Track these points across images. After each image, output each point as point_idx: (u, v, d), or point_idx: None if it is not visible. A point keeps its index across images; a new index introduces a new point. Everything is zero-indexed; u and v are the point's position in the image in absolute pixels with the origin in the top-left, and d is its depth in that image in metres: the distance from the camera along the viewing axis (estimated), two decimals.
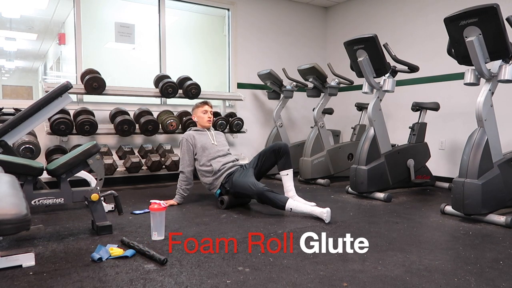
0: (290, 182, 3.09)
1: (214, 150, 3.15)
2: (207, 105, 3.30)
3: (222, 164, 3.10)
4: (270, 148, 3.17)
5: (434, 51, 4.23)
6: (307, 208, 2.70)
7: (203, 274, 1.71)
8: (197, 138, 3.17)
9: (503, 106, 3.58)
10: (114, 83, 4.50)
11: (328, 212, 2.58)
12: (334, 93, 4.29)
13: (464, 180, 2.62)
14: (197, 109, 3.31)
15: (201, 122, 3.29)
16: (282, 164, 3.12)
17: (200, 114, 3.28)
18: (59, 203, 2.23)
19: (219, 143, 3.24)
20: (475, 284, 1.62)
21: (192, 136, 3.18)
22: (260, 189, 2.76)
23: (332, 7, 5.64)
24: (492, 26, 2.41)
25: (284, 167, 3.11)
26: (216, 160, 3.12)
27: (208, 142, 3.18)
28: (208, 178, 3.11)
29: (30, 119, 2.44)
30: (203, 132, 3.25)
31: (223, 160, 3.14)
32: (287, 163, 3.11)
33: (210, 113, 3.30)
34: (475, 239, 2.26)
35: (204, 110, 3.27)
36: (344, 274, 1.71)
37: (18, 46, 6.00)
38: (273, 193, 2.76)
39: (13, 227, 0.90)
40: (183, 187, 3.12)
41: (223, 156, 3.17)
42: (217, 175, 3.08)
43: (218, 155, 3.15)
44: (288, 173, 3.10)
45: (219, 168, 3.08)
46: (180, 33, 5.40)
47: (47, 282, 1.62)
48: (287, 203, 2.70)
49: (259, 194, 2.76)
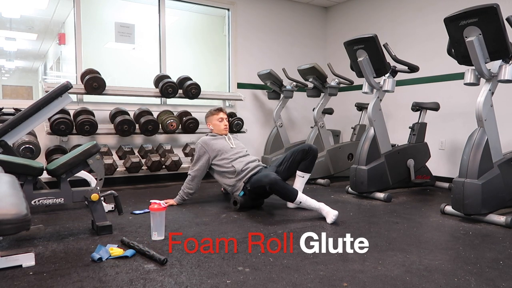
0: (302, 185, 3.04)
1: (233, 152, 3.08)
2: (222, 112, 3.24)
3: (245, 163, 3.01)
4: (300, 148, 3.06)
5: (434, 51, 4.23)
6: (316, 204, 2.69)
7: (203, 274, 1.71)
8: (213, 144, 3.10)
9: (503, 106, 3.58)
10: (114, 83, 4.50)
11: (335, 215, 2.58)
12: (334, 93, 4.30)
13: (464, 180, 2.62)
14: (211, 116, 3.24)
15: (217, 130, 3.21)
16: (305, 165, 3.03)
17: (215, 122, 3.22)
18: (59, 203, 2.23)
19: (237, 145, 3.18)
20: (475, 284, 1.62)
21: (207, 142, 3.10)
22: (273, 178, 2.69)
23: (332, 7, 5.64)
24: (492, 26, 2.41)
25: (306, 169, 3.03)
26: (238, 160, 3.04)
27: (226, 145, 3.12)
28: (231, 179, 3.01)
29: (30, 119, 2.44)
30: (219, 137, 3.19)
31: (245, 159, 3.05)
32: (309, 167, 3.04)
33: (226, 120, 3.24)
34: (475, 239, 2.26)
35: (220, 118, 3.21)
36: (344, 274, 1.71)
37: (18, 46, 6.00)
38: (285, 183, 2.74)
39: (13, 227, 0.90)
40: (186, 190, 3.07)
41: (244, 156, 3.09)
42: (240, 176, 2.97)
43: (239, 156, 3.08)
44: (304, 176, 3.04)
45: (242, 168, 2.99)
46: (180, 33, 5.40)
47: (47, 282, 1.62)
48: (298, 196, 2.70)
49: (271, 183, 2.68)
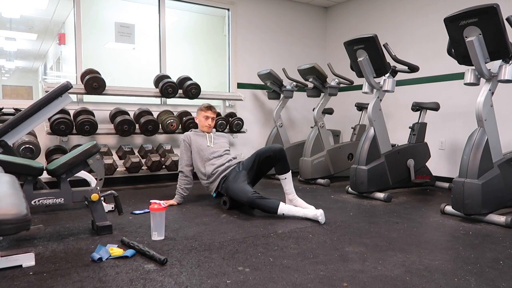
0: (290, 185, 3.00)
1: (208, 152, 3.12)
2: (210, 111, 3.26)
3: (215, 167, 3.06)
4: (264, 153, 3.02)
5: (434, 51, 4.23)
6: (300, 212, 2.68)
7: (203, 274, 1.71)
8: (193, 139, 3.17)
9: (503, 106, 3.59)
10: (114, 83, 4.50)
11: (321, 214, 2.58)
12: (334, 93, 4.30)
13: (464, 180, 2.62)
14: (200, 111, 3.28)
15: (200, 125, 3.28)
16: (279, 169, 3.01)
17: (201, 118, 3.27)
18: (59, 203, 2.23)
19: (215, 144, 3.20)
20: (475, 284, 1.62)
21: (189, 136, 3.20)
22: (250, 197, 2.69)
23: (332, 7, 5.65)
24: (492, 26, 2.41)
25: (282, 171, 3.00)
26: (210, 162, 3.09)
27: (204, 143, 3.16)
28: (204, 181, 3.14)
29: (30, 119, 2.44)
30: (201, 134, 3.24)
31: (217, 162, 3.09)
32: (284, 167, 3.00)
33: (211, 119, 3.26)
34: (475, 239, 2.26)
35: (206, 116, 3.24)
36: (344, 274, 1.71)
37: (18, 46, 6.00)
38: (263, 200, 2.71)
39: (13, 227, 0.90)
40: (183, 186, 3.12)
41: (217, 158, 3.12)
42: (211, 179, 3.07)
43: (213, 156, 3.11)
44: (286, 177, 3.00)
45: (212, 171, 3.06)
46: (180, 33, 5.40)
47: (47, 282, 1.62)
48: (279, 208, 2.67)
49: (249, 201, 2.71)
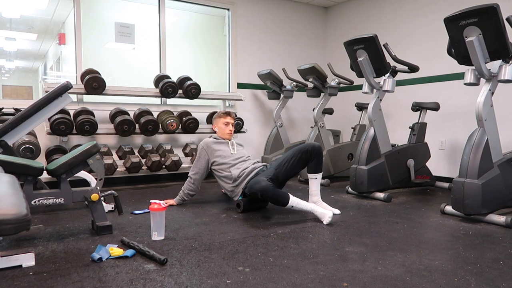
0: (317, 187, 2.92)
1: (232, 158, 3.07)
2: (230, 117, 3.22)
3: (241, 170, 2.99)
4: (301, 149, 2.90)
5: (434, 51, 4.23)
6: (307, 206, 2.68)
7: (203, 274, 1.71)
8: (214, 147, 3.09)
9: (503, 106, 3.59)
10: (114, 83, 4.50)
11: (331, 217, 2.56)
12: (334, 93, 4.30)
13: (464, 180, 2.62)
14: (218, 119, 3.23)
15: (221, 133, 3.21)
16: (313, 166, 2.89)
17: (221, 125, 3.21)
18: (59, 203, 2.23)
19: (238, 152, 3.16)
20: (475, 284, 1.62)
21: (209, 146, 3.09)
22: (264, 185, 2.64)
23: (332, 7, 5.65)
24: (492, 26, 2.41)
25: (315, 170, 2.90)
26: (235, 166, 3.02)
27: (227, 150, 3.11)
28: (229, 185, 3.02)
29: (30, 119, 2.44)
30: (223, 141, 3.17)
31: (242, 166, 3.03)
32: (318, 166, 2.90)
33: (231, 125, 3.22)
34: (475, 239, 2.26)
35: (226, 122, 3.20)
36: (344, 274, 1.71)
37: (18, 46, 6.00)
38: (276, 189, 2.69)
39: (13, 227, 0.90)
40: (187, 191, 3.07)
41: (242, 162, 3.07)
42: (237, 182, 2.97)
43: (238, 161, 3.06)
44: (317, 177, 2.91)
45: (239, 174, 2.97)
46: (180, 33, 5.40)
47: (47, 282, 1.62)
48: (290, 200, 2.66)
49: (262, 190, 2.64)
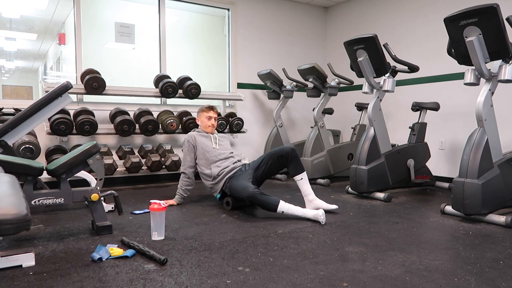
0: (307, 185, 2.94)
1: (214, 154, 3.11)
2: (212, 111, 3.25)
3: (221, 169, 3.04)
4: (276, 153, 2.99)
5: (434, 51, 4.23)
6: (299, 211, 2.67)
7: (203, 274, 1.71)
8: (198, 140, 3.15)
9: (503, 106, 3.59)
10: (114, 83, 4.50)
11: (323, 214, 2.58)
12: (334, 93, 4.30)
13: (464, 180, 2.62)
14: (202, 113, 3.27)
15: (203, 126, 3.26)
16: (293, 169, 2.95)
17: (203, 119, 3.25)
18: (59, 203, 2.23)
19: (221, 146, 3.19)
20: (475, 284, 1.62)
21: (193, 137, 3.17)
22: (251, 192, 2.68)
23: (332, 7, 5.65)
24: (492, 26, 2.41)
25: (296, 171, 2.94)
26: (216, 164, 3.07)
27: (209, 145, 3.14)
28: (208, 182, 3.10)
29: (30, 119, 2.44)
30: (205, 135, 3.21)
31: (223, 164, 3.08)
32: (298, 167, 2.94)
33: (214, 119, 3.24)
34: (475, 239, 2.26)
35: (208, 116, 3.23)
36: (344, 274, 1.71)
37: (18, 46, 6.00)
38: (264, 196, 2.68)
39: (13, 227, 0.90)
40: (184, 187, 3.11)
41: (224, 160, 3.11)
42: (216, 180, 3.04)
43: (219, 158, 3.10)
44: (302, 177, 2.94)
45: (218, 173, 3.04)
46: (180, 33, 5.40)
47: (47, 282, 1.62)
48: (279, 206, 2.65)
49: (250, 197, 2.68)
